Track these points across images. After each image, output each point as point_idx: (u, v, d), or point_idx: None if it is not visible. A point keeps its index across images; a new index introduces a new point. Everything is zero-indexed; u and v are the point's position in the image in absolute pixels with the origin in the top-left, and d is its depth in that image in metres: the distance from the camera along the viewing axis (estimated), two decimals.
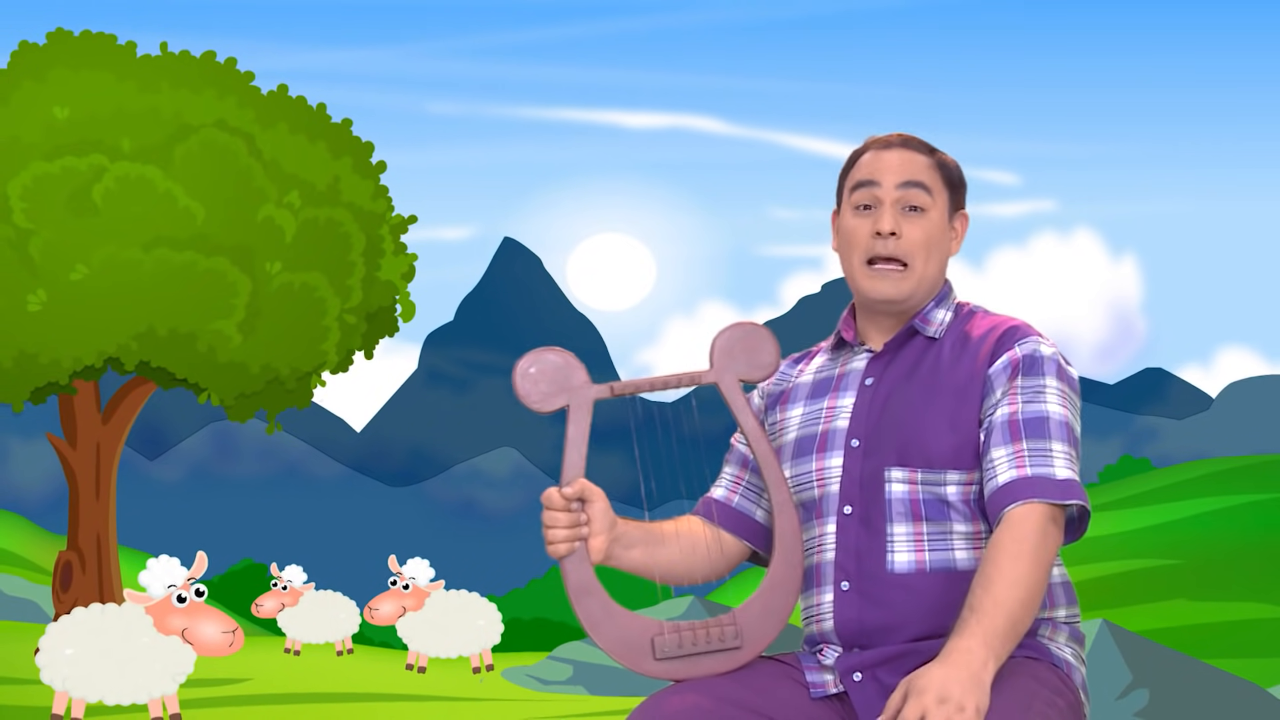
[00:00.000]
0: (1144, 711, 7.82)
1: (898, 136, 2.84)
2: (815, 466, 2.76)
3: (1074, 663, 2.69)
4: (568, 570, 2.64)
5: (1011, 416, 2.64)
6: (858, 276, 2.80)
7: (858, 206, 2.80)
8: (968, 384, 2.70)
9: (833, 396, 2.82)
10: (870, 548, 2.68)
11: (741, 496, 2.91)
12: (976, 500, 2.68)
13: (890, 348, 2.80)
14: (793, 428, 2.84)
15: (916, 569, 2.66)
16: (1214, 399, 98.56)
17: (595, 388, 2.65)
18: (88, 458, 15.83)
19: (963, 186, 2.86)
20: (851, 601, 2.68)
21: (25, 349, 14.21)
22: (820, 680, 2.69)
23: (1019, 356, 2.68)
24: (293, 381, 15.37)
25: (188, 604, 7.98)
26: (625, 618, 2.63)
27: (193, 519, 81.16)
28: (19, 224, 14.09)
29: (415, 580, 12.50)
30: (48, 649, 8.19)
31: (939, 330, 2.79)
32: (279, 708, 9.96)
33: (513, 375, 2.66)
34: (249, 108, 15.17)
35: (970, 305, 2.85)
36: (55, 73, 14.76)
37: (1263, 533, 23.22)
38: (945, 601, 2.63)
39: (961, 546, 2.67)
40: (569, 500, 2.63)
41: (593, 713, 10.21)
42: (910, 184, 2.77)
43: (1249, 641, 18.63)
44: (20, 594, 18.71)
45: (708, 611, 12.85)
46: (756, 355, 2.68)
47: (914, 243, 2.76)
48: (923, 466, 2.67)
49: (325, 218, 15.06)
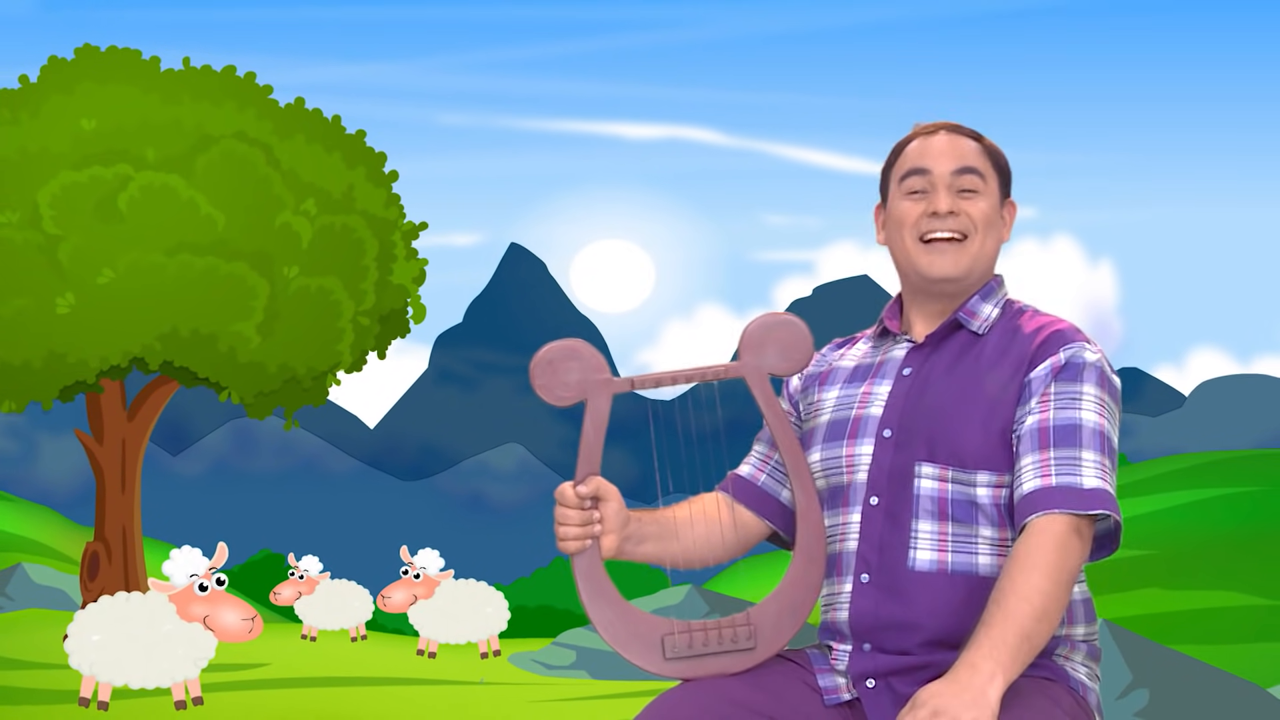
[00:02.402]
0: (1144, 711, 7.59)
1: (944, 124, 2.66)
2: (846, 452, 2.57)
3: (1089, 684, 2.52)
4: (578, 567, 2.48)
5: (1042, 424, 2.43)
6: (913, 255, 2.59)
7: (910, 193, 2.61)
8: (1006, 386, 2.49)
9: (870, 383, 2.63)
10: (893, 541, 2.50)
11: (769, 476, 2.72)
12: (1006, 505, 2.47)
13: (932, 339, 2.60)
14: (827, 410, 2.65)
15: (938, 568, 2.47)
16: (1186, 397, 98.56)
17: (615, 382, 2.44)
18: (114, 453, 15.82)
19: (1009, 174, 2.67)
20: (869, 594, 2.50)
21: (55, 349, 14.20)
22: (833, 685, 2.52)
23: (1061, 362, 2.47)
24: (309, 380, 15.37)
25: (209, 592, 7.98)
26: (636, 616, 2.45)
27: (213, 511, 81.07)
28: (48, 230, 14.08)
29: (426, 570, 12.49)
30: (76, 635, 8.18)
31: (984, 326, 2.58)
32: (296, 691, 9.95)
33: (530, 368, 2.43)
34: (267, 120, 15.16)
35: (1019, 304, 2.64)
36: (83, 86, 14.76)
37: (1232, 525, 23.20)
38: (963, 605, 2.45)
39: (986, 551, 2.47)
40: (583, 498, 2.46)
41: (595, 695, 10.20)
42: (964, 169, 2.59)
43: (1219, 628, 18.62)
44: (49, 583, 18.67)
45: (705, 600, 12.82)
46: (788, 349, 2.46)
47: (973, 216, 2.58)
48: (954, 465, 2.47)
49: (340, 224, 15.05)
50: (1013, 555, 2.35)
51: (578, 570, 2.48)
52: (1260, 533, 22.61)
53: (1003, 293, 2.65)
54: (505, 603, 12.34)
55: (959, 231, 2.58)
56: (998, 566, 2.46)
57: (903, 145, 2.66)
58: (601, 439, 2.45)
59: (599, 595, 2.46)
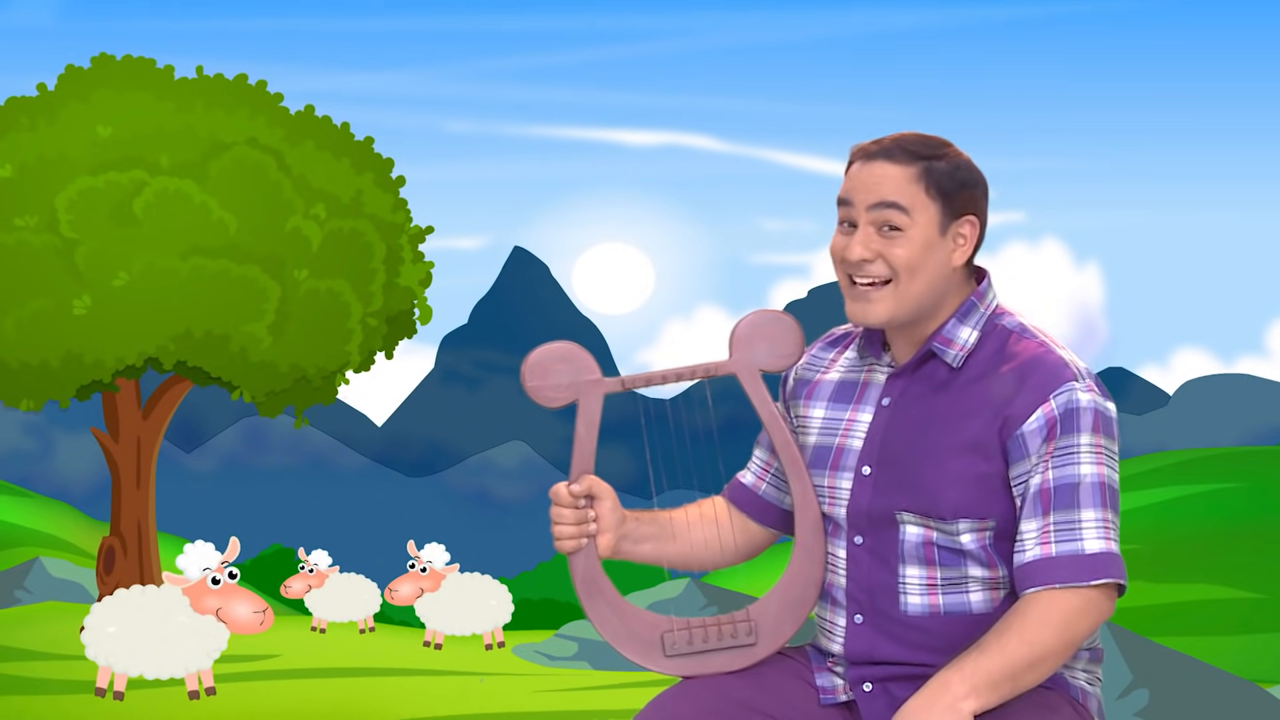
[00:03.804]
0: (1144, 711, 7.46)
1: (884, 143, 2.37)
2: (827, 483, 2.45)
3: (1089, 689, 2.42)
4: (575, 567, 2.41)
5: (1043, 485, 2.27)
6: (845, 297, 2.40)
7: (841, 223, 2.40)
8: (986, 433, 2.31)
9: (853, 408, 2.47)
10: (883, 585, 2.39)
11: (769, 484, 2.60)
12: (994, 544, 2.34)
13: (908, 368, 2.42)
14: (813, 431, 2.50)
15: (930, 611, 2.37)
16: (1171, 396, 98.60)
17: (606, 382, 2.38)
18: (129, 450, 15.82)
19: (967, 188, 2.36)
20: (865, 635, 2.41)
21: (72, 350, 14.20)
22: (830, 685, 2.45)
23: (1055, 416, 2.28)
24: (319, 380, 15.36)
25: (221, 586, 7.97)
26: (634, 614, 2.39)
27: (226, 507, 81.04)
28: (66, 234, 14.08)
29: (432, 563, 12.48)
30: (92, 627, 8.18)
31: (959, 358, 2.37)
32: (306, 682, 9.95)
33: (521, 371, 2.38)
34: (278, 127, 15.15)
35: (1003, 322, 2.40)
36: (99, 94, 14.75)
37: (1215, 520, 23.20)
38: (961, 640, 2.36)
39: (977, 589, 2.37)
40: (577, 497, 2.40)
41: (596, 686, 10.19)
42: (882, 205, 2.33)
43: (1203, 620, 18.64)
44: (67, 576, 18.67)
45: (704, 593, 12.81)
46: (778, 344, 2.39)
47: (895, 262, 2.34)
48: (934, 516, 2.34)
49: (349, 228, 15.04)
50: (1022, 610, 2.25)
51: (575, 570, 2.42)
52: (1243, 528, 22.61)
53: (983, 309, 2.41)
54: (509, 595, 12.33)
55: (880, 277, 2.35)
56: (991, 601, 2.37)
57: (848, 164, 2.42)
58: (594, 439, 2.38)
59: (597, 594, 2.41)
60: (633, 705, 8.56)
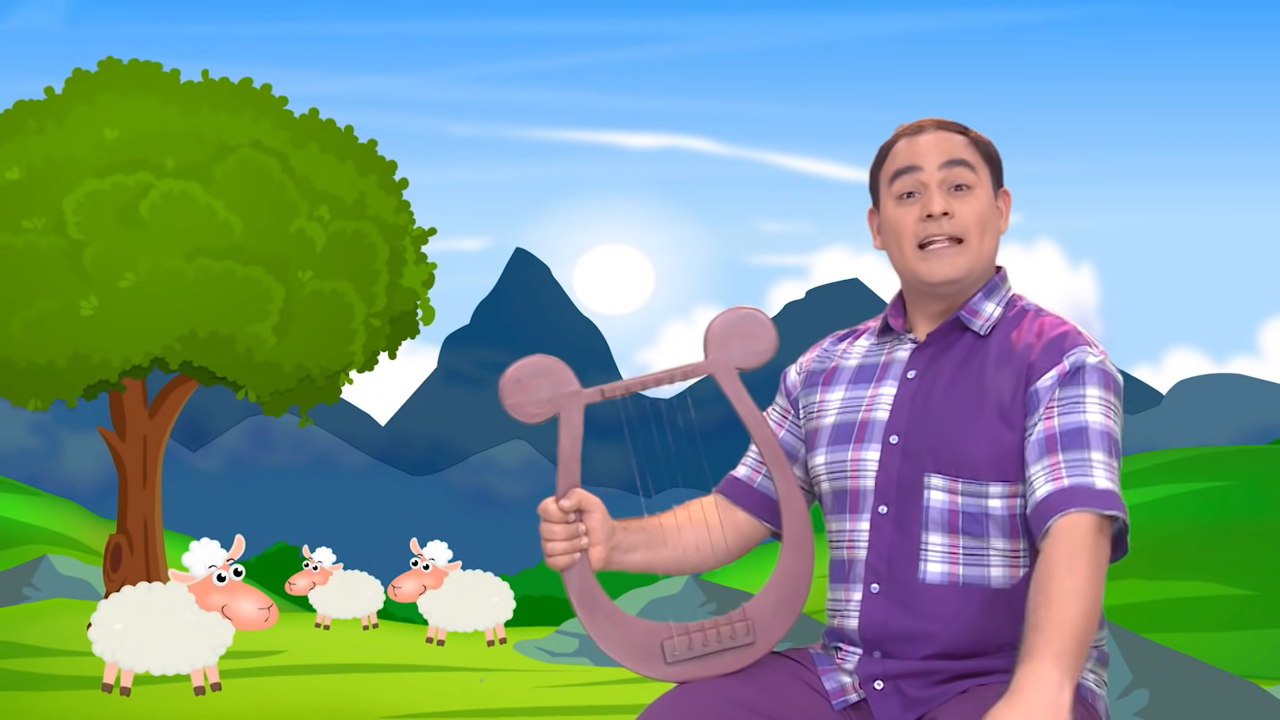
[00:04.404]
0: (1144, 711, 7.37)
1: (928, 121, 2.49)
2: (851, 456, 2.44)
3: (1097, 690, 2.40)
4: (570, 581, 2.36)
5: (1049, 430, 2.30)
6: (911, 263, 2.44)
7: (900, 196, 2.45)
8: (1012, 395, 2.35)
9: (875, 385, 2.48)
10: (903, 553, 2.37)
11: (765, 477, 2.59)
12: (1020, 515, 2.34)
13: (934, 338, 2.46)
14: (832, 411, 2.51)
15: (949, 581, 2.35)
16: (1164, 395, 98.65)
17: (585, 393, 2.32)
18: (135, 449, 15.81)
19: (999, 163, 2.51)
20: (880, 605, 2.38)
21: (79, 350, 14.20)
22: (839, 686, 2.41)
23: (1065, 369, 2.34)
24: (323, 379, 15.36)
25: (227, 583, 7.97)
26: (632, 624, 2.35)
27: (231, 505, 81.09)
28: (73, 235, 14.08)
29: (435, 561, 12.48)
30: (99, 624, 8.18)
31: (986, 326, 2.44)
32: (310, 677, 9.95)
33: (500, 388, 2.31)
34: (283, 129, 15.15)
35: (1023, 302, 2.49)
36: (106, 97, 14.75)
37: (1208, 518, 23.19)
38: (976, 616, 2.34)
39: (998, 563, 2.35)
40: (567, 512, 2.36)
41: (597, 681, 10.19)
42: (953, 162, 2.43)
43: (1196, 617, 18.62)
44: (74, 573, 18.66)
45: (703, 590, 12.81)
46: (752, 341, 2.35)
47: (967, 219, 2.42)
48: (964, 477, 2.34)
49: (352, 230, 15.04)
50: (1047, 559, 2.20)
51: (569, 585, 2.37)
52: (1235, 525, 22.61)
53: (1006, 288, 2.50)
54: (511, 592, 12.34)
55: (955, 235, 2.43)
56: (1009, 578, 2.35)
57: (889, 146, 2.51)
58: (578, 451, 2.33)
59: (594, 608, 2.36)
60: (633, 701, 8.56)
